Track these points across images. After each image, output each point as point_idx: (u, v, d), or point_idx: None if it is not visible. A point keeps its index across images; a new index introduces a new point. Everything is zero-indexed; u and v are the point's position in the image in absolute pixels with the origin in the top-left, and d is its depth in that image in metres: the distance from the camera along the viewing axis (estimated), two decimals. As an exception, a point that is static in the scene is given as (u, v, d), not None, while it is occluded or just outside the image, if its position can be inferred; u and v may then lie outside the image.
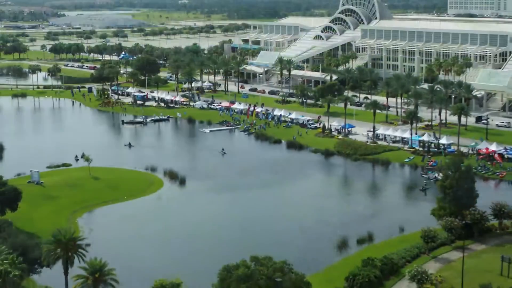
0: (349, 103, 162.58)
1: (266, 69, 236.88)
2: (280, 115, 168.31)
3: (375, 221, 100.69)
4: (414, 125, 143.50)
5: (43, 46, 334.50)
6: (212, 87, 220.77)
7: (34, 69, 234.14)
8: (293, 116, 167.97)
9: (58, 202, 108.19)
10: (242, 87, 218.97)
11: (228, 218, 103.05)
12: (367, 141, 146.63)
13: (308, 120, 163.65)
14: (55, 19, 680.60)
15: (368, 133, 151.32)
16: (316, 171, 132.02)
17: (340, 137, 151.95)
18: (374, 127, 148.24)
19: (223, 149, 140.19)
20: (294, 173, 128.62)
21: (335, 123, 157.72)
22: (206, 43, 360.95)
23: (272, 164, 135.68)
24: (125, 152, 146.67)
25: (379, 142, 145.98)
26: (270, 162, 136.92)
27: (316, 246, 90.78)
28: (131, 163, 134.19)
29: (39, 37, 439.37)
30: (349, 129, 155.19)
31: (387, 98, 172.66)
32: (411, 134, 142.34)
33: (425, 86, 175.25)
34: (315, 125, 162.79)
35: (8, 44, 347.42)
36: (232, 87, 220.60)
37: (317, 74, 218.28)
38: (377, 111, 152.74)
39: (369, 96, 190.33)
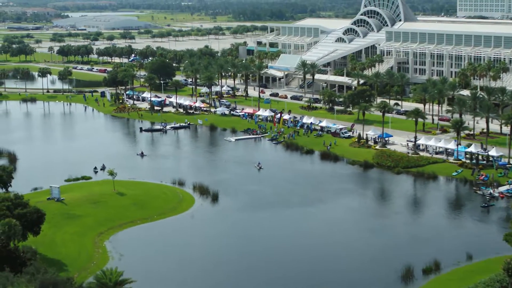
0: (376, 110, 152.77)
1: (286, 73, 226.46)
2: (311, 123, 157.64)
3: (437, 245, 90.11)
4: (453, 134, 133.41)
5: (50, 48, 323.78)
6: (231, 92, 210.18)
7: (44, 72, 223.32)
8: (323, 124, 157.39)
9: (82, 222, 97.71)
10: (263, 91, 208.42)
11: (272, 241, 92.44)
12: (408, 152, 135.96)
13: (341, 129, 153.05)
14: (59, 20, 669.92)
15: (408, 143, 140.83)
16: (357, 185, 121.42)
17: (377, 147, 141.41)
18: (415, 137, 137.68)
19: (259, 163, 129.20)
20: (334, 187, 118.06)
21: (370, 132, 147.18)
22: (217, 45, 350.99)
23: (308, 177, 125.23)
24: (148, 163, 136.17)
25: (421, 153, 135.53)
26: (305, 175, 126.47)
27: (377, 276, 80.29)
28: (156, 176, 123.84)
29: (44, 38, 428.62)
30: (387, 138, 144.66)
31: (424, 105, 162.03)
32: (457, 145, 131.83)
33: (463, 92, 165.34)
34: (348, 134, 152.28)
35: (14, 46, 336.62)
36: (251, 91, 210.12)
37: (342, 79, 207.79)
38: (411, 118, 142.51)
39: (399, 103, 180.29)
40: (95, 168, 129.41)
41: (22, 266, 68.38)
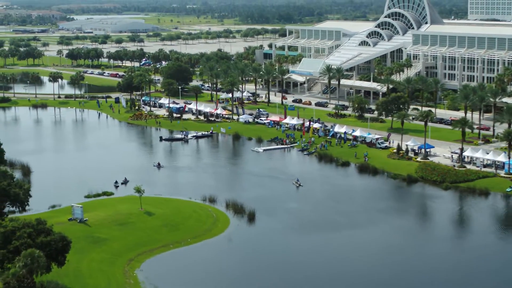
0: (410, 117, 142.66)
1: (308, 77, 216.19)
2: (345, 132, 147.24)
3: None
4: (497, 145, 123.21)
5: (59, 52, 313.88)
6: (252, 98, 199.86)
7: (55, 77, 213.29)
8: (357, 133, 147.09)
9: (109, 247, 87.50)
10: (285, 97, 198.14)
11: (320, 268, 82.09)
12: (454, 165, 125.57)
13: (377, 139, 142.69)
14: (64, 23, 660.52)
15: (452, 155, 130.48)
16: (405, 203, 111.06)
17: (418, 159, 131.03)
18: (462, 149, 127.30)
19: (297, 180, 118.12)
20: (381, 205, 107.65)
21: (410, 143, 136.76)
22: (229, 48, 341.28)
23: (350, 193, 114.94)
24: (171, 177, 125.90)
25: (467, 166, 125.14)
26: (346, 191, 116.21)
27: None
28: (183, 191, 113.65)
29: (51, 41, 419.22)
30: (428, 149, 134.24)
31: (465, 113, 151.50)
32: (509, 157, 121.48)
33: (505, 99, 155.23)
34: (385, 144, 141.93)
35: (22, 49, 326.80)
36: (272, 97, 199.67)
37: (368, 84, 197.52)
38: (457, 128, 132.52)
39: (432, 110, 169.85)
40: (116, 182, 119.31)
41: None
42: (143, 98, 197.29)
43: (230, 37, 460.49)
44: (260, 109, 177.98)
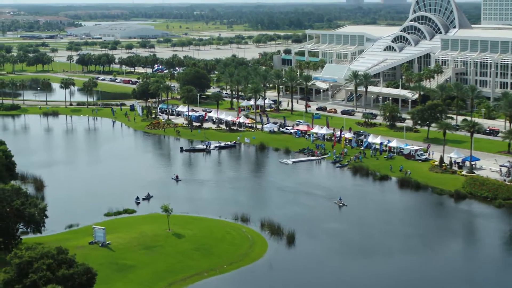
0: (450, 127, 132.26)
1: (331, 84, 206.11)
2: (380, 143, 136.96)
3: None
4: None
5: (69, 57, 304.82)
6: (274, 106, 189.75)
7: (67, 83, 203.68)
8: (393, 144, 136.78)
9: (136, 275, 77.26)
10: (308, 105, 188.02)
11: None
12: (504, 180, 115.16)
13: (416, 150, 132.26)
14: (72, 29, 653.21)
15: (501, 169, 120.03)
16: (458, 223, 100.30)
17: (463, 172, 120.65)
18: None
19: (340, 198, 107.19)
20: (433, 225, 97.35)
21: (453, 155, 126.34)
22: (242, 54, 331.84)
23: (395, 211, 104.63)
24: (195, 192, 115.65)
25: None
26: (391, 209, 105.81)
27: None
28: (211, 209, 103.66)
29: (60, 47, 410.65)
30: (474, 162, 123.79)
31: (510, 122, 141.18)
32: None
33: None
34: (425, 156, 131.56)
35: (31, 55, 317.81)
36: (294, 105, 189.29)
37: (396, 91, 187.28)
38: (483, 137, 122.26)
39: (467, 119, 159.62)
40: (137, 198, 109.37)
41: None
42: (160, 105, 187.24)
43: (242, 43, 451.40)
44: (300, 121, 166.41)
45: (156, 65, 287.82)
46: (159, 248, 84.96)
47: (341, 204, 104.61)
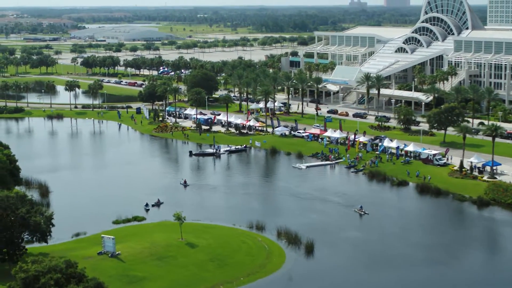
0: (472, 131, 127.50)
1: (342, 86, 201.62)
2: (397, 147, 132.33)
3: None
4: None
5: (74, 59, 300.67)
6: (283, 109, 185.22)
7: (72, 86, 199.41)
8: (410, 148, 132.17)
9: (148, 288, 72.94)
10: (318, 108, 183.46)
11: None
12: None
13: (434, 155, 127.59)
14: (76, 31, 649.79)
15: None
16: (484, 231, 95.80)
17: (485, 178, 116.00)
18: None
19: (361, 207, 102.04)
20: (457, 235, 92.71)
21: (474, 159, 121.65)
22: (248, 56, 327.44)
23: (417, 218, 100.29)
24: (207, 198, 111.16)
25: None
26: (411, 216, 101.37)
27: None
28: (224, 216, 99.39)
29: (64, 49, 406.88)
30: (495, 167, 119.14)
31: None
32: None
33: None
34: (443, 161, 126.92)
35: (34, 57, 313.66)
36: (305, 108, 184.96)
37: (408, 93, 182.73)
38: (501, 141, 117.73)
39: (484, 122, 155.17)
40: (146, 204, 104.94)
41: None
42: (167, 108, 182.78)
43: (247, 45, 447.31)
44: (317, 125, 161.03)
45: (161, 67, 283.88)
46: (171, 258, 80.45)
47: (362, 213, 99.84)
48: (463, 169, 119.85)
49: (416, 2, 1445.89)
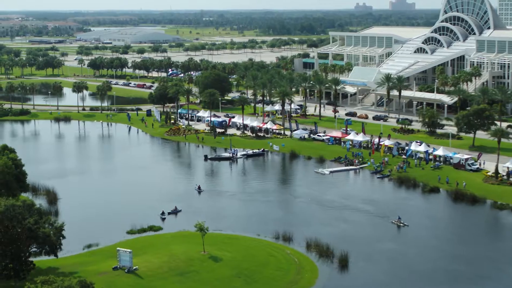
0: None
1: (360, 88, 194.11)
2: (426, 151, 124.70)
3: None
4: None
5: (81, 61, 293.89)
6: (300, 111, 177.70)
7: (80, 87, 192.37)
8: (440, 152, 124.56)
9: (170, 308, 65.52)
10: (336, 110, 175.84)
11: None
12: None
13: (466, 159, 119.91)
14: (81, 33, 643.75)
15: None
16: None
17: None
18: None
19: (399, 217, 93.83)
20: (503, 248, 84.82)
21: (509, 164, 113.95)
22: (258, 58, 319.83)
23: (456, 228, 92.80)
24: (226, 205, 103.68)
25: None
26: (449, 226, 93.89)
27: None
28: (246, 225, 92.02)
29: (70, 51, 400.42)
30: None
31: None
32: None
33: None
34: (476, 166, 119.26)
35: (40, 59, 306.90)
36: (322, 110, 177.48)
37: (431, 95, 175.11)
38: None
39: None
40: (163, 213, 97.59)
41: None
42: (180, 110, 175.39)
43: (256, 47, 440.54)
44: (344, 129, 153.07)
45: (170, 69, 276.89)
46: (194, 274, 72.95)
47: (401, 224, 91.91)
48: (499, 175, 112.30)
49: (421, 6, 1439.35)
